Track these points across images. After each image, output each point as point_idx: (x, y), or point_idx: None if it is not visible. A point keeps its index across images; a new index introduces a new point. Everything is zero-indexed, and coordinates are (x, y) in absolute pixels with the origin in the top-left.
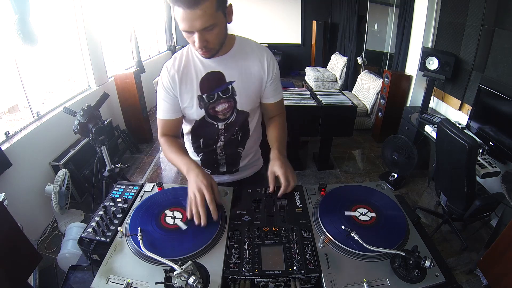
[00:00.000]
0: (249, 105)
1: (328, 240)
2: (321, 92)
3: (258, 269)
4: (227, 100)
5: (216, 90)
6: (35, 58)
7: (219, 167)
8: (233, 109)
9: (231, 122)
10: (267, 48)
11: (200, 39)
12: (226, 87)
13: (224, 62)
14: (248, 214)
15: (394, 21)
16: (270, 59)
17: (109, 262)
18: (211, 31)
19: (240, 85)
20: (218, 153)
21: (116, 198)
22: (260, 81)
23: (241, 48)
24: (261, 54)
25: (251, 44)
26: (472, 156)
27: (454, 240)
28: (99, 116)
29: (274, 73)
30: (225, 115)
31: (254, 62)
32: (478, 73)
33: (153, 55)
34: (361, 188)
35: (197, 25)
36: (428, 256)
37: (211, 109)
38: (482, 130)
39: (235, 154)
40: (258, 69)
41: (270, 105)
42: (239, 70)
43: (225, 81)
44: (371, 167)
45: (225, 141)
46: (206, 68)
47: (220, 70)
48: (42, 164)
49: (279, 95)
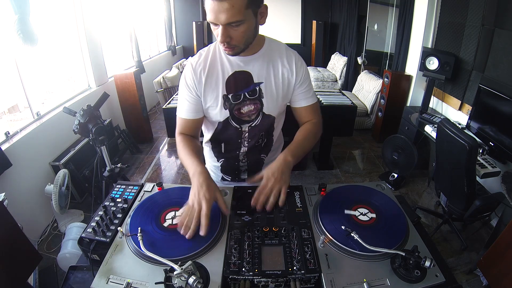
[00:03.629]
0: (275, 109)
1: (328, 240)
2: (321, 92)
3: (258, 269)
4: (253, 102)
5: (243, 90)
6: (35, 58)
7: (240, 174)
8: (258, 112)
9: (255, 125)
10: (295, 51)
11: (223, 33)
12: (253, 88)
13: (252, 63)
14: (248, 214)
15: (394, 21)
16: (298, 61)
17: (109, 262)
18: (237, 27)
19: (268, 87)
20: (240, 160)
21: (116, 198)
22: (288, 84)
23: (270, 49)
24: (289, 57)
25: (281, 46)
26: (472, 156)
27: (454, 240)
28: (99, 116)
29: (302, 75)
30: (250, 117)
31: (283, 64)
32: (478, 73)
33: (153, 55)
34: (361, 188)
35: (222, 18)
36: (428, 256)
37: (236, 110)
38: (482, 130)
39: (258, 160)
40: (286, 72)
41: (300, 109)
42: (268, 71)
43: (253, 82)
44: (371, 167)
45: (249, 146)
46: (234, 67)
47: (248, 70)
48: (42, 164)
49: (310, 99)
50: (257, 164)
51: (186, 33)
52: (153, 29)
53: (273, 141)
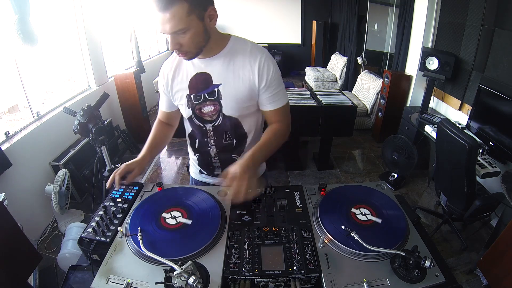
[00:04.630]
0: (236, 110)
1: (328, 240)
2: (321, 92)
3: (258, 269)
4: (212, 103)
5: (203, 91)
6: (35, 58)
7: (214, 170)
8: (218, 113)
9: (218, 125)
10: (264, 50)
11: (172, 42)
12: (212, 90)
13: (212, 63)
14: (248, 214)
15: (394, 21)
16: (264, 63)
17: (109, 262)
18: (183, 35)
19: (227, 89)
20: (212, 156)
21: (116, 198)
22: (250, 87)
23: (233, 49)
24: (253, 57)
25: (246, 45)
26: (472, 156)
27: (454, 240)
28: (99, 116)
29: (268, 78)
30: (212, 117)
31: (244, 65)
32: (478, 73)
33: (153, 55)
34: (361, 188)
35: (167, 28)
36: (428, 256)
37: (198, 110)
38: (482, 130)
39: (230, 160)
40: (247, 74)
41: (267, 112)
42: (227, 73)
43: (212, 83)
44: (371, 167)
45: (218, 145)
46: (196, 68)
47: (208, 71)
48: (42, 164)
49: (278, 102)
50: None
51: None
52: (153, 29)
53: (247, 143)
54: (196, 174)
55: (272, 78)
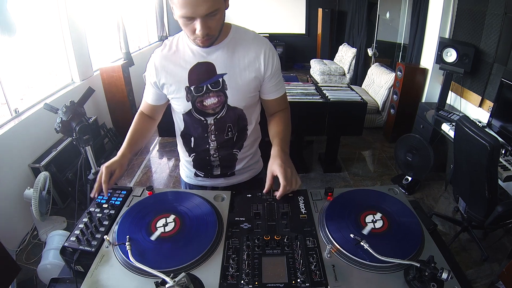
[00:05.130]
0: (241, 101)
1: (336, 249)
2: (328, 87)
3: (258, 282)
4: (216, 94)
5: (205, 82)
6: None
7: (212, 169)
8: (223, 104)
9: (221, 117)
10: (266, 39)
11: (203, 25)
12: (216, 80)
13: (216, 53)
14: (248, 221)
15: (408, 8)
16: (269, 52)
17: (94, 274)
18: (214, 16)
19: (232, 78)
20: (211, 154)
21: (102, 203)
22: (255, 76)
23: (236, 38)
24: (258, 46)
25: (249, 34)
26: (494, 157)
27: (473, 250)
28: (84, 114)
29: (273, 67)
30: (215, 110)
31: (250, 54)
32: (500, 66)
33: (142, 47)
34: (372, 193)
35: (202, 10)
36: (446, 267)
37: (199, 102)
38: (504, 128)
39: (231, 156)
40: (253, 63)
41: (271, 101)
42: (232, 62)
43: (216, 73)
44: (383, 169)
45: (218, 141)
46: (197, 58)
47: (211, 61)
48: (20, 166)
49: (281, 89)
50: (230, 160)
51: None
52: (143, 17)
53: (247, 136)
54: (190, 178)
55: (277, 67)
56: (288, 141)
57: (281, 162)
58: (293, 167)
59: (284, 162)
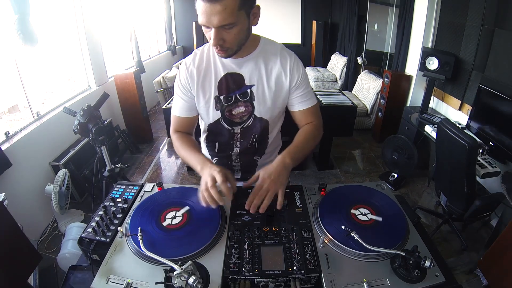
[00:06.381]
0: (267, 112)
1: (328, 240)
2: (321, 92)
3: (258, 269)
4: (244, 104)
5: (234, 92)
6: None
7: (233, 173)
8: (250, 114)
9: (247, 126)
10: (292, 52)
11: (216, 36)
12: (245, 91)
13: (245, 64)
14: (248, 214)
15: (394, 21)
16: (294, 64)
17: (109, 262)
18: (230, 30)
19: (260, 90)
20: (233, 160)
21: (116, 198)
22: (281, 88)
23: (264, 51)
24: (284, 59)
25: (276, 47)
26: (472, 156)
27: (454, 240)
28: (99, 116)
29: (298, 78)
30: (242, 119)
31: (277, 67)
32: (478, 73)
33: (153, 55)
34: (361, 188)
35: (214, 21)
36: (428, 256)
37: (228, 112)
38: (482, 130)
39: (251, 162)
40: (280, 75)
41: (298, 113)
42: (260, 74)
43: (245, 84)
44: (371, 167)
45: (241, 148)
46: (226, 69)
47: (240, 72)
48: (42, 164)
49: (307, 101)
50: (250, 165)
51: (186, 33)
52: (153, 29)
53: (268, 144)
54: None
55: (302, 78)
56: (299, 152)
57: (269, 172)
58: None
59: (272, 173)
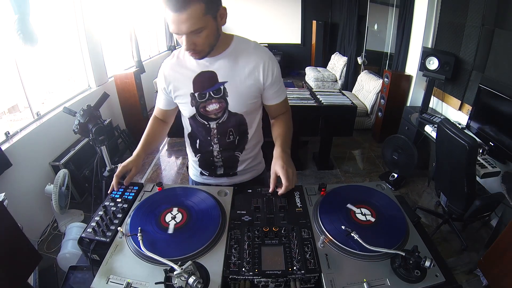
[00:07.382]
0: (242, 107)
1: (328, 240)
2: (321, 92)
3: (258, 269)
4: (218, 100)
5: (208, 89)
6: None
7: (216, 169)
8: (224, 110)
9: (222, 122)
10: (266, 49)
11: (187, 42)
12: (218, 87)
13: (218, 62)
14: (248, 214)
15: (394, 21)
16: (269, 61)
17: (109, 262)
18: (199, 34)
19: (233, 86)
20: (215, 156)
21: (116, 198)
22: (255, 84)
23: (237, 48)
24: (258, 56)
25: (249, 45)
26: (472, 156)
27: (454, 240)
28: (99, 116)
29: (273, 76)
30: (216, 115)
31: (250, 64)
32: (478, 73)
33: (153, 55)
34: (361, 188)
35: (183, 28)
36: (428, 256)
37: (202, 108)
38: (482, 130)
39: (232, 157)
40: (253, 72)
41: (272, 106)
42: (233, 71)
43: (217, 81)
44: (371, 167)
45: (221, 144)
46: (200, 67)
47: (213, 69)
48: (42, 164)
49: (281, 95)
50: (232, 161)
51: None
52: (153, 29)
53: (248, 139)
54: (196, 176)
55: (277, 76)
56: (289, 141)
57: (283, 163)
58: (293, 166)
59: (285, 163)
